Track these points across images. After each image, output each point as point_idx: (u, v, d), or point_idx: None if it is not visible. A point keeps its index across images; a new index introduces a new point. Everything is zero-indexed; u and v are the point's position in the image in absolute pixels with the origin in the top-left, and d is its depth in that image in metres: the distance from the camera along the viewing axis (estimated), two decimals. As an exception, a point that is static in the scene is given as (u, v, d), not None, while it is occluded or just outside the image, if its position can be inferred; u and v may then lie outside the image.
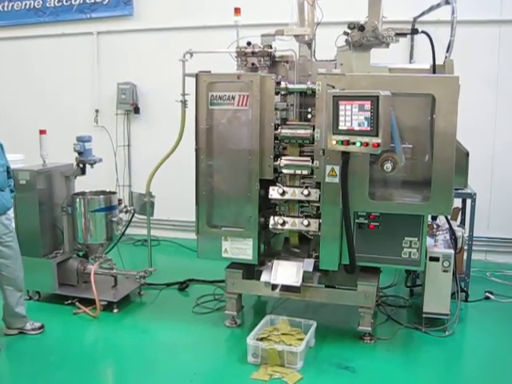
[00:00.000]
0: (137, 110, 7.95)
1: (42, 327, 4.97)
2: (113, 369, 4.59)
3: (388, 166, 4.27)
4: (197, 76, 4.65)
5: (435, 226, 5.29)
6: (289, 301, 5.19)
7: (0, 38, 8.55)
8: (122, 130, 8.08)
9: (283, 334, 4.44)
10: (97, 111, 8.14)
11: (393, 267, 4.86)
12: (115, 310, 5.35)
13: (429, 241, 4.91)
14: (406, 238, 4.48)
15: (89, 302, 5.37)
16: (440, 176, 4.22)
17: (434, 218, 5.38)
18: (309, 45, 4.88)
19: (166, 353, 4.62)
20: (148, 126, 8.02)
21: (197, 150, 4.76)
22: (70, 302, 5.48)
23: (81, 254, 5.91)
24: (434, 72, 4.58)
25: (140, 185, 7.72)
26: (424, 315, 4.89)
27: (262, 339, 4.41)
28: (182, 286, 6.07)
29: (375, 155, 4.26)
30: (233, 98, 4.62)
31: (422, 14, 5.93)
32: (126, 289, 5.64)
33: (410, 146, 4.40)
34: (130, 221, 6.13)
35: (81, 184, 5.90)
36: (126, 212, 5.90)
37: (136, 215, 8.23)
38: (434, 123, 4.19)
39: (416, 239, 4.47)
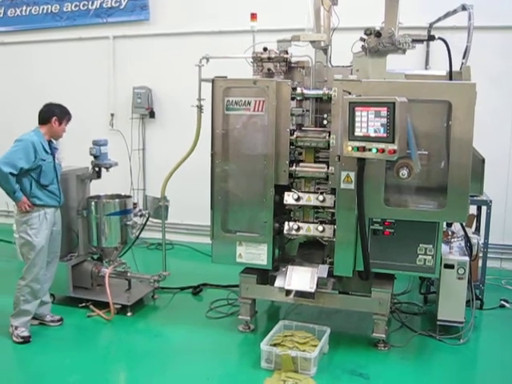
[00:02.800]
0: (152, 115, 7.99)
1: (61, 320, 5.13)
2: (126, 372, 4.60)
3: (404, 172, 4.26)
4: (213, 81, 4.67)
5: (450, 233, 5.25)
6: (302, 306, 5.18)
7: (18, 42, 8.68)
8: (137, 134, 8.12)
9: (297, 342, 4.43)
10: (112, 115, 8.19)
11: (407, 274, 4.83)
12: (129, 314, 5.37)
13: (444, 248, 4.88)
14: (421, 245, 4.47)
15: (103, 305, 5.40)
16: (456, 183, 4.21)
17: (449, 225, 5.35)
18: (325, 51, 4.89)
19: (179, 357, 4.63)
20: (163, 130, 8.06)
21: (212, 155, 4.78)
22: (84, 304, 5.51)
23: (95, 257, 5.95)
24: (451, 78, 4.57)
25: (154, 188, 7.77)
26: (438, 323, 4.87)
27: (275, 345, 4.41)
28: (196, 291, 6.08)
29: (391, 162, 4.25)
30: (249, 103, 4.64)
31: (438, 19, 5.91)
32: (139, 292, 5.67)
33: (426, 152, 4.39)
34: (144, 224, 6.16)
35: (96, 187, 5.94)
36: (141, 216, 5.93)
37: (150, 219, 8.34)
38: (450, 130, 4.18)
39: (431, 246, 4.45)
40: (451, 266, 4.77)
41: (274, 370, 4.28)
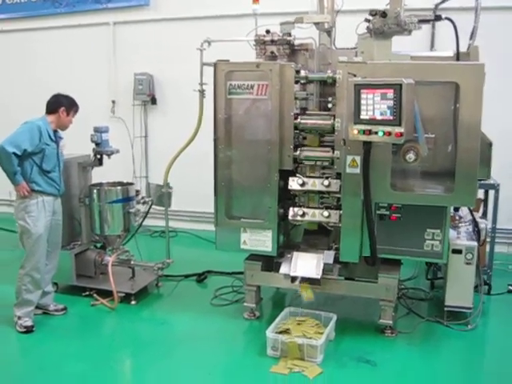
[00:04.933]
0: (154, 101, 7.91)
1: (64, 309, 5.12)
2: (130, 360, 4.57)
3: (410, 156, 4.17)
4: (215, 65, 4.58)
5: (458, 218, 5.18)
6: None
7: (17, 30, 8.59)
8: (139, 121, 8.04)
9: (303, 329, 4.37)
10: (113, 102, 8.11)
11: (415, 260, 4.75)
12: (133, 302, 5.33)
13: (451, 233, 4.81)
14: (428, 230, 4.39)
15: (106, 294, 5.35)
16: (464, 167, 4.12)
17: (457, 210, 5.27)
18: (329, 33, 4.79)
19: (184, 345, 4.59)
20: (165, 116, 7.98)
21: (215, 140, 4.70)
22: (87, 293, 5.47)
23: (98, 245, 5.90)
24: (458, 59, 4.46)
25: (157, 176, 7.68)
26: (446, 308, 4.81)
27: (281, 332, 4.36)
28: (200, 278, 6.03)
29: (397, 145, 4.16)
30: (252, 87, 4.55)
31: (443, 0, 5.78)
32: (143, 280, 5.62)
33: (433, 135, 4.30)
34: (147, 212, 6.10)
35: (98, 175, 5.87)
36: (144, 203, 5.86)
37: (154, 206, 8.27)
38: (457, 112, 4.09)
39: (439, 231, 4.37)
40: (459, 251, 4.69)
41: (280, 357, 4.23)
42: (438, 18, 4.44)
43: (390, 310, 4.57)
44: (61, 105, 4.85)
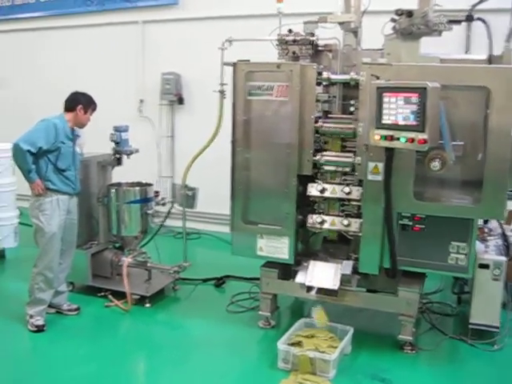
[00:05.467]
0: (181, 101, 7.81)
1: (78, 309, 5.07)
2: (140, 363, 4.48)
3: (435, 164, 3.96)
4: (235, 65, 4.45)
5: (487, 230, 4.91)
6: (327, 303, 4.92)
7: (49, 28, 8.64)
8: (166, 121, 7.98)
9: (317, 342, 4.19)
10: (141, 101, 8.06)
11: (438, 273, 4.49)
12: (147, 305, 5.23)
13: (479, 246, 4.56)
14: (453, 243, 4.15)
15: (122, 295, 5.26)
16: (493, 176, 3.88)
17: (486, 222, 4.99)
18: (355, 33, 4.59)
19: (195, 351, 4.48)
20: (192, 117, 7.87)
21: (233, 142, 4.56)
22: (103, 294, 5.39)
23: (117, 245, 5.82)
24: (491, 63, 4.21)
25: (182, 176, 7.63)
26: (470, 326, 4.54)
27: (293, 344, 4.19)
28: (219, 283, 5.90)
29: (422, 152, 3.94)
30: (272, 88, 4.39)
31: (481, 1, 5.51)
32: (159, 283, 5.52)
33: (462, 143, 4.06)
34: (168, 213, 6.01)
35: (122, 174, 5.79)
36: (164, 204, 5.77)
37: (179, 207, 8.20)
38: (488, 119, 3.85)
39: (464, 244, 4.13)
40: (486, 266, 4.42)
41: (291, 370, 4.06)
42: (469, 18, 4.21)
43: (410, 326, 4.34)
44: (78, 102, 4.79)
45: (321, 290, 4.46)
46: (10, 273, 6.27)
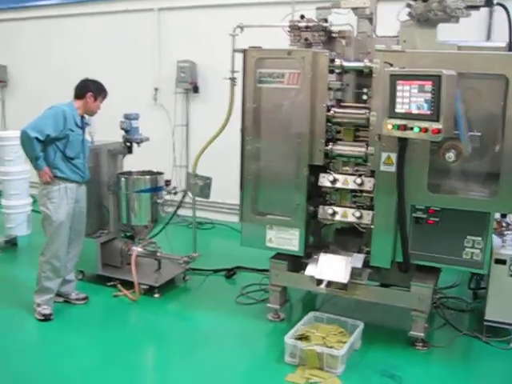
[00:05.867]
0: (196, 89, 7.71)
1: (86, 298, 5.04)
2: (144, 354, 4.42)
3: (450, 155, 3.81)
4: (245, 51, 4.34)
5: (505, 225, 4.74)
6: (339, 297, 4.82)
7: (64, 15, 8.61)
8: (181, 110, 7.90)
9: (325, 337, 4.09)
10: (156, 89, 7.98)
11: (452, 268, 4.34)
12: (156, 295, 5.18)
13: (496, 240, 4.40)
14: (468, 237, 4.00)
15: (131, 285, 5.21)
16: (510, 169, 3.72)
17: (504, 216, 4.82)
18: (369, 20, 4.44)
19: (202, 344, 4.41)
20: (207, 105, 7.75)
21: (242, 131, 4.46)
22: (112, 283, 5.36)
23: (128, 234, 5.78)
24: (510, 50, 4.03)
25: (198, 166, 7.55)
26: (486, 323, 4.39)
27: (301, 338, 4.09)
28: (230, 274, 5.82)
29: (437, 143, 3.80)
30: (283, 75, 4.27)
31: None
32: (169, 273, 5.46)
33: (479, 133, 3.89)
34: (180, 202, 5.94)
35: (138, 163, 5.73)
36: (175, 193, 5.69)
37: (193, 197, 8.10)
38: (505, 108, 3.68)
39: (480, 239, 3.98)
40: (503, 262, 4.27)
41: (298, 365, 3.97)
42: (488, 3, 4.01)
43: (422, 322, 4.20)
44: (88, 90, 4.72)
45: (331, 284, 4.36)
46: (22, 260, 6.27)
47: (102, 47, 8.22)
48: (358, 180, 4.25)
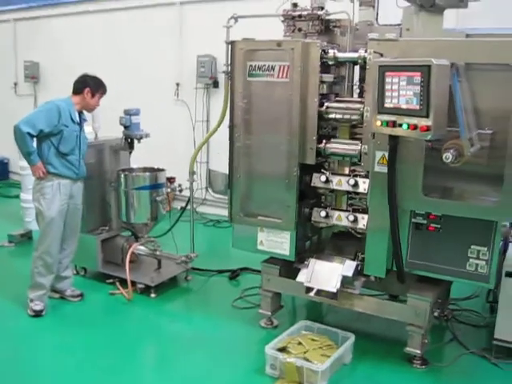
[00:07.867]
0: (216, 84, 7.52)
1: (81, 295, 4.95)
2: (124, 355, 4.18)
3: (448, 155, 3.38)
4: (232, 43, 4.09)
5: (519, 234, 4.28)
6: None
7: (84, 12, 8.63)
8: (202, 105, 7.72)
9: (307, 346, 3.80)
10: (177, 85, 7.84)
11: (454, 280, 3.93)
12: (152, 295, 5.03)
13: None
14: (472, 247, 3.61)
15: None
16: (517, 171, 3.30)
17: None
18: (372, 7, 4.09)
19: (188, 348, 4.23)
20: (227, 101, 7.56)
21: (231, 127, 4.21)
22: (111, 280, 5.24)
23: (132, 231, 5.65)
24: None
25: (218, 162, 7.36)
26: (495, 342, 3.97)
27: (283, 349, 3.82)
28: (233, 275, 5.59)
29: (438, 141, 3.42)
30: (272, 68, 3.98)
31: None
32: (168, 273, 5.29)
33: (490, 131, 3.47)
34: (189, 198, 5.77)
35: (156, 159, 5.62)
36: (181, 191, 5.52)
37: (214, 194, 7.97)
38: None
39: (485, 249, 3.57)
40: (515, 275, 3.85)
41: (278, 378, 3.71)
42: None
43: (419, 338, 3.83)
44: (86, 85, 4.63)
45: (320, 292, 4.04)
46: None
47: (124, 42, 8.16)
48: (352, 181, 3.92)
